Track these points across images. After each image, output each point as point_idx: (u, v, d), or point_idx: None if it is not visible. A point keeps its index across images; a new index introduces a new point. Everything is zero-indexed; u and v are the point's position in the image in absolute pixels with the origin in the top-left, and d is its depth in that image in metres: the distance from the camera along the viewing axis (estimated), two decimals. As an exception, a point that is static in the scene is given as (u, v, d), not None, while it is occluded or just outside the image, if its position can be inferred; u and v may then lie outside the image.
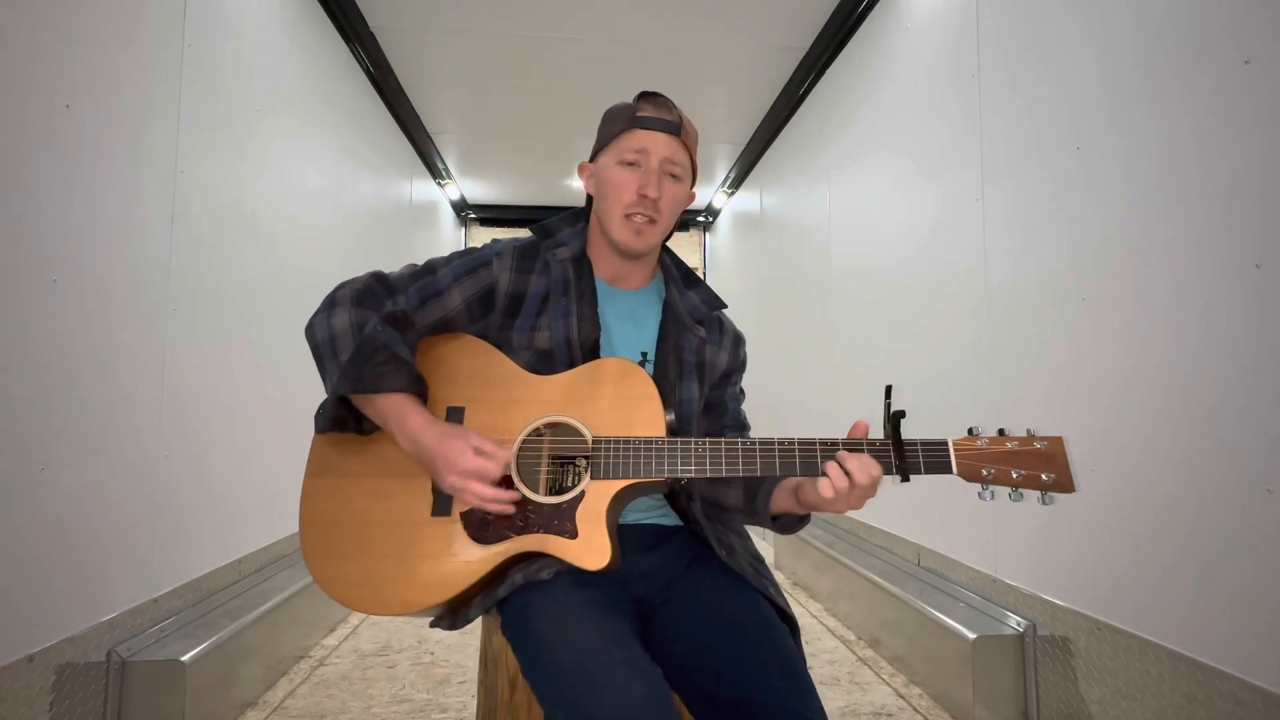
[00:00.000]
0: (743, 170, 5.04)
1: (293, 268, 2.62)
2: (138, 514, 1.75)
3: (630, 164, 1.07)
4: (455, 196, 5.71)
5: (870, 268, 2.92)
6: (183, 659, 1.68)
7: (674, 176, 1.09)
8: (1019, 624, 1.87)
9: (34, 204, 1.43)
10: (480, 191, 5.84)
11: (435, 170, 5.08)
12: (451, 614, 0.99)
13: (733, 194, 5.54)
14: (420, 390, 0.98)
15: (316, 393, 1.02)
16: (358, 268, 1.17)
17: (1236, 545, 1.31)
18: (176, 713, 1.66)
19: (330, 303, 1.03)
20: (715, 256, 6.36)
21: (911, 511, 2.55)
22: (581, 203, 1.20)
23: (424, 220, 4.99)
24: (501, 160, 5.14)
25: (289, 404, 2.52)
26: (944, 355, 2.30)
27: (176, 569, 1.91)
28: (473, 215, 6.32)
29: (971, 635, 1.86)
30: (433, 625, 1.01)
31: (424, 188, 4.94)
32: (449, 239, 5.88)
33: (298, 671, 2.25)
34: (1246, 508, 1.29)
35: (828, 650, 2.49)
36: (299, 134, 2.72)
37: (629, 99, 1.11)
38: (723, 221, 6.02)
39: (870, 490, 0.91)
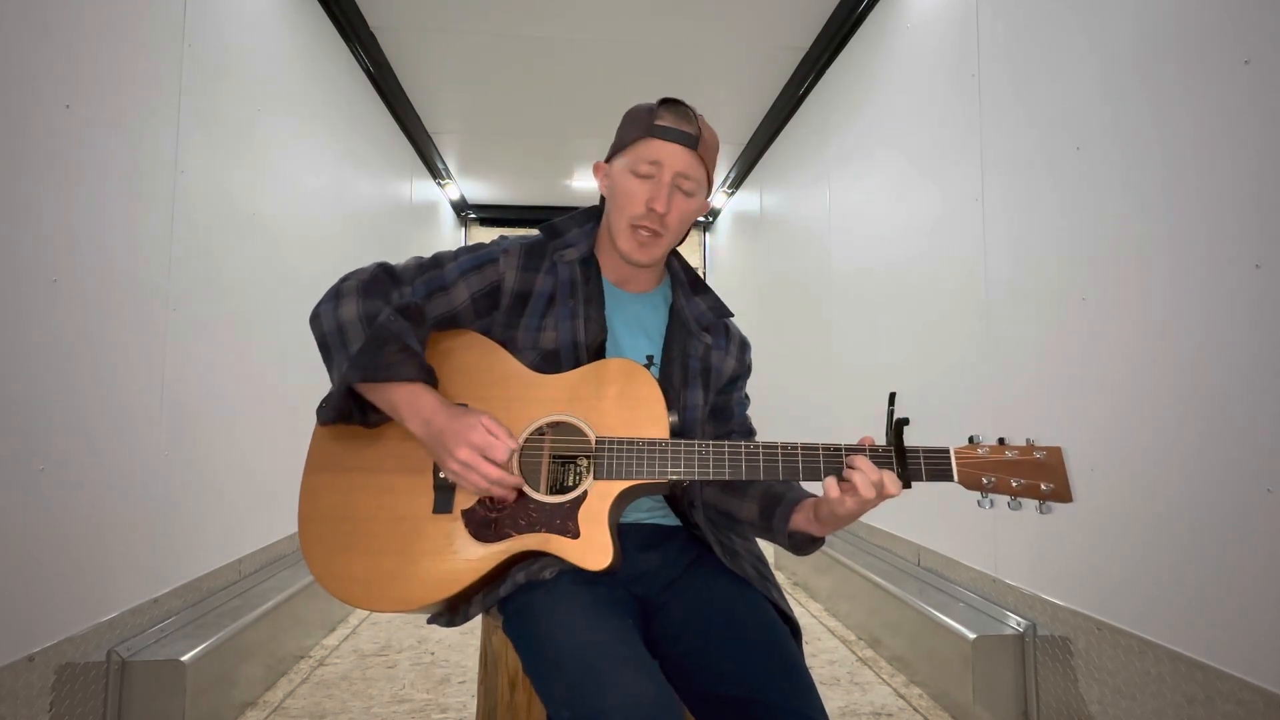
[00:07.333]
0: (743, 170, 5.04)
1: (292, 268, 2.62)
2: (138, 514, 1.75)
3: (643, 176, 1.05)
4: (455, 196, 5.71)
5: (870, 267, 2.92)
6: (183, 659, 1.68)
7: (685, 192, 1.07)
8: (1019, 624, 1.87)
9: (34, 204, 1.43)
10: (480, 191, 5.84)
11: (435, 170, 5.08)
12: (450, 611, 0.99)
13: (733, 194, 5.54)
14: (431, 381, 0.98)
15: (317, 391, 1.02)
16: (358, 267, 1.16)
17: (1236, 545, 1.31)
18: (176, 713, 1.66)
19: (336, 293, 1.02)
20: (715, 257, 6.35)
21: (912, 511, 2.55)
22: (583, 202, 1.20)
23: (424, 220, 4.99)
24: (501, 160, 5.14)
25: (289, 403, 2.52)
26: (944, 354, 2.30)
27: (176, 569, 1.91)
28: (473, 215, 6.32)
29: (971, 635, 1.86)
30: (430, 622, 1.01)
31: (424, 188, 4.94)
32: (449, 239, 5.87)
33: (298, 671, 2.25)
34: (1246, 508, 1.29)
35: (828, 650, 2.49)
36: (299, 134, 2.72)
37: (634, 100, 1.10)
38: (723, 221, 6.02)
39: (879, 486, 0.90)
